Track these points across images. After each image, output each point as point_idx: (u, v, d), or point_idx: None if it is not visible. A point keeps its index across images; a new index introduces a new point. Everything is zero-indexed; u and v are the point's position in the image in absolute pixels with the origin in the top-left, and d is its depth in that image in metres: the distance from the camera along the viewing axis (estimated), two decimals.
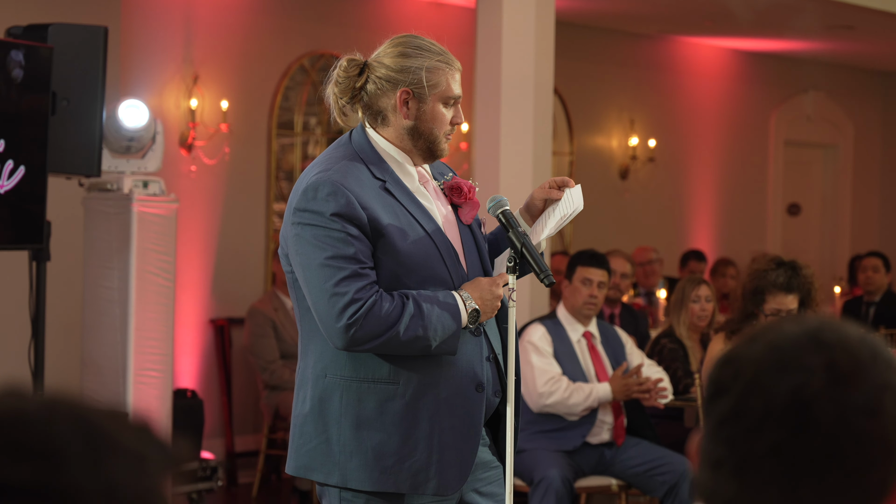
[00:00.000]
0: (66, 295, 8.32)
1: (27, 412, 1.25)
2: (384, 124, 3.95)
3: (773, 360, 1.53)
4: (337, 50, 11.00)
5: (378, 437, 3.84)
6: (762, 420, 1.51)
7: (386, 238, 3.81)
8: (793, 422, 1.50)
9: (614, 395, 6.81)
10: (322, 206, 3.77)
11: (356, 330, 3.73)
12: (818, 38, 13.46)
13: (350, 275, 3.75)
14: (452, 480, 3.90)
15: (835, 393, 1.50)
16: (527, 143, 8.31)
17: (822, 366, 1.51)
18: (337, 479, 3.87)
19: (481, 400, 3.93)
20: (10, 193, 6.86)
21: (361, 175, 3.85)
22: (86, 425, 1.25)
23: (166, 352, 7.59)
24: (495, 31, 8.36)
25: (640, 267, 11.15)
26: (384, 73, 3.92)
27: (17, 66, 6.84)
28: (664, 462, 6.87)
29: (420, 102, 3.92)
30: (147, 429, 1.29)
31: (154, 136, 7.74)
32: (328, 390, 3.87)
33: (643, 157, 13.57)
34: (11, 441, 1.22)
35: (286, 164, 10.92)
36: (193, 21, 10.06)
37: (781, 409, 1.50)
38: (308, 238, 3.78)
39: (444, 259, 3.91)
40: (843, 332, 1.55)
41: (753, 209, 14.85)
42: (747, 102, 14.79)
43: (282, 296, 9.37)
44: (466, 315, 3.86)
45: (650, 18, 12.74)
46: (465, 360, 3.91)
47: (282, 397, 8.98)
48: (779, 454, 1.50)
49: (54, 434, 1.23)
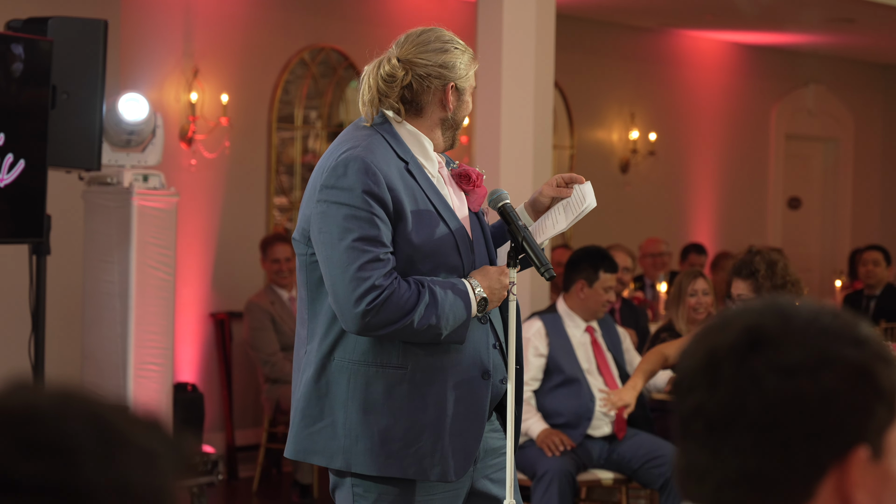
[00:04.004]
0: (66, 288, 8.31)
1: (39, 407, 1.24)
2: (417, 115, 3.99)
3: (713, 326, 1.58)
4: (337, 43, 10.99)
5: (385, 422, 3.85)
6: (689, 382, 1.56)
7: (405, 223, 3.84)
8: (707, 380, 1.54)
9: (537, 439, 6.82)
10: (352, 182, 3.79)
11: (372, 317, 3.75)
12: (819, 31, 13.45)
13: (373, 259, 3.77)
14: (457, 467, 3.92)
15: (744, 353, 1.53)
16: (527, 137, 8.30)
17: (742, 327, 1.55)
18: (341, 463, 3.88)
19: (487, 387, 3.97)
20: (10, 187, 6.85)
21: (387, 154, 3.89)
22: (98, 422, 1.24)
23: (167, 345, 7.59)
24: (496, 24, 8.35)
25: (651, 258, 11.16)
26: (428, 69, 3.96)
27: (17, 59, 6.83)
28: (662, 454, 6.87)
29: (460, 95, 4.01)
30: (158, 425, 1.29)
31: (154, 130, 7.73)
32: (335, 373, 3.88)
33: (644, 150, 13.57)
34: (24, 437, 1.21)
35: (286, 157, 10.91)
36: (193, 14, 10.05)
37: (700, 369, 1.55)
38: (335, 217, 3.79)
39: (459, 246, 3.95)
40: (804, 305, 1.57)
41: (754, 203, 14.85)
42: (748, 96, 14.78)
43: (278, 289, 9.37)
44: (475, 304, 3.89)
45: (651, 11, 12.73)
46: (472, 347, 3.94)
47: (283, 390, 8.98)
48: (700, 413, 1.54)
49: (67, 430, 1.22)
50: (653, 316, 9.81)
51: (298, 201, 10.91)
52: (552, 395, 6.94)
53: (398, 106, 3.96)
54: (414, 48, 3.98)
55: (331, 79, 11.09)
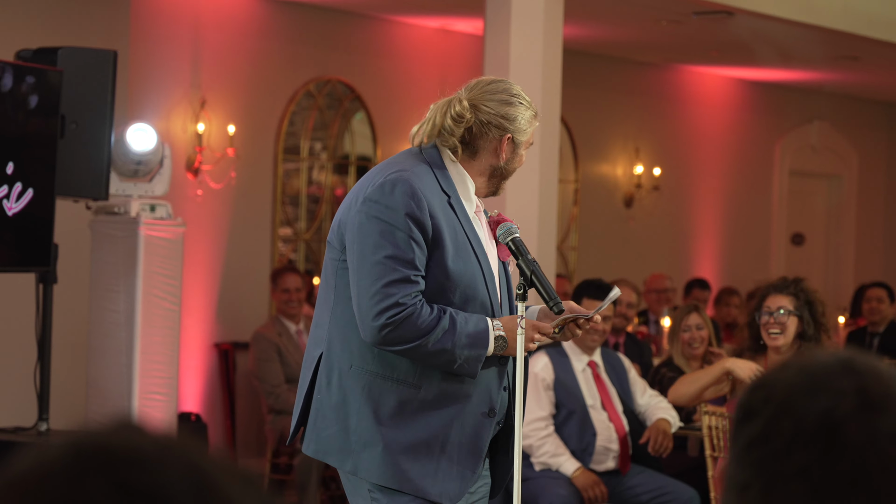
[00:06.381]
0: (71, 317, 8.32)
1: (142, 451, 1.23)
2: (471, 157, 4.11)
3: (805, 383, 1.53)
4: (343, 75, 11.04)
5: (391, 435, 3.96)
6: (791, 442, 1.51)
7: (441, 251, 3.94)
8: (822, 444, 1.50)
9: (574, 480, 6.78)
10: (397, 203, 3.89)
11: (389, 331, 3.86)
12: (824, 68, 13.49)
13: (401, 279, 3.88)
14: (453, 492, 4.03)
15: (864, 417, 1.50)
16: (533, 171, 8.33)
17: (853, 390, 1.51)
18: (350, 466, 4.00)
19: (490, 425, 4.08)
20: (18, 216, 6.88)
21: (433, 184, 4.00)
22: (197, 474, 1.23)
23: (171, 375, 7.60)
24: (503, 58, 8.38)
25: (656, 294, 11.16)
26: (491, 118, 4.08)
27: (27, 89, 6.86)
28: (669, 491, 6.86)
29: (516, 148, 4.12)
30: (253, 483, 1.28)
31: (161, 160, 7.76)
32: (353, 381, 3.98)
33: (648, 185, 13.59)
34: (122, 480, 1.21)
35: (291, 188, 10.93)
36: (201, 46, 10.09)
37: (811, 431, 1.50)
38: (373, 230, 3.90)
39: (487, 284, 4.05)
40: (873, 361, 1.55)
41: (757, 238, 14.86)
42: (752, 132, 14.81)
43: (285, 321, 9.38)
44: (493, 341, 3.97)
45: (656, 47, 12.78)
46: (485, 384, 4.05)
47: (286, 422, 8.97)
48: (806, 476, 1.49)
49: (165, 480, 1.22)
50: (657, 351, 9.81)
51: (303, 232, 10.94)
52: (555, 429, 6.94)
53: (457, 145, 4.07)
54: (482, 94, 4.11)
55: (337, 110, 11.13)
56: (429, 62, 11.52)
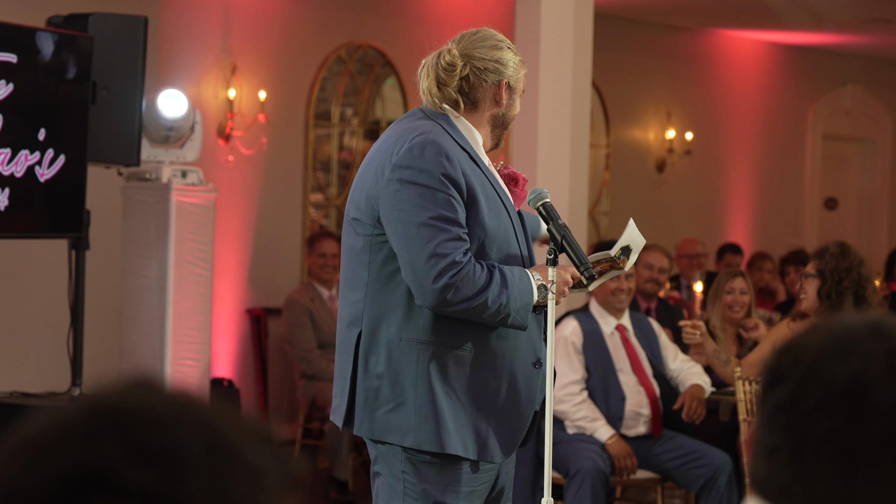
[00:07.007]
0: (104, 284, 8.36)
1: (155, 411, 1.23)
2: (471, 111, 4.06)
3: (834, 347, 1.52)
4: (374, 41, 11.02)
5: (448, 402, 3.94)
6: (820, 406, 1.50)
7: (476, 208, 3.92)
8: (851, 407, 1.49)
9: (608, 447, 6.78)
10: (430, 165, 3.85)
11: (452, 292, 3.82)
12: (857, 31, 13.40)
13: (452, 237, 3.84)
14: (504, 448, 4.05)
15: (893, 380, 1.49)
16: (564, 136, 8.30)
17: (882, 353, 1.50)
18: (411, 441, 3.95)
19: (538, 376, 4.08)
20: (51, 182, 6.90)
21: (452, 143, 3.97)
22: (211, 433, 1.23)
23: (203, 341, 7.63)
24: (534, 23, 8.35)
25: (687, 259, 11.13)
26: (485, 64, 4.06)
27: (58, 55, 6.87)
28: (700, 455, 6.84)
29: (512, 93, 4.10)
30: (270, 441, 1.27)
31: (193, 126, 7.76)
32: (405, 354, 3.94)
33: (680, 150, 13.54)
34: (135, 441, 1.21)
35: (322, 154, 10.94)
36: (232, 11, 10.09)
37: (840, 395, 1.49)
38: (411, 195, 3.85)
39: (517, 236, 4.05)
40: None
41: (790, 203, 14.80)
42: (785, 96, 14.74)
43: (318, 286, 9.39)
44: (536, 289, 3.97)
45: (688, 11, 12.71)
46: (528, 336, 4.05)
47: (318, 387, 9.00)
48: (836, 440, 1.49)
49: (179, 440, 1.21)
50: (688, 315, 9.78)
51: (334, 198, 10.94)
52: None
53: (456, 97, 4.03)
54: (471, 43, 4.09)
55: (367, 76, 11.12)
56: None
